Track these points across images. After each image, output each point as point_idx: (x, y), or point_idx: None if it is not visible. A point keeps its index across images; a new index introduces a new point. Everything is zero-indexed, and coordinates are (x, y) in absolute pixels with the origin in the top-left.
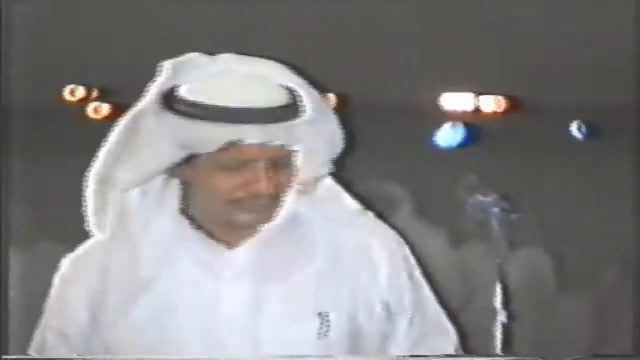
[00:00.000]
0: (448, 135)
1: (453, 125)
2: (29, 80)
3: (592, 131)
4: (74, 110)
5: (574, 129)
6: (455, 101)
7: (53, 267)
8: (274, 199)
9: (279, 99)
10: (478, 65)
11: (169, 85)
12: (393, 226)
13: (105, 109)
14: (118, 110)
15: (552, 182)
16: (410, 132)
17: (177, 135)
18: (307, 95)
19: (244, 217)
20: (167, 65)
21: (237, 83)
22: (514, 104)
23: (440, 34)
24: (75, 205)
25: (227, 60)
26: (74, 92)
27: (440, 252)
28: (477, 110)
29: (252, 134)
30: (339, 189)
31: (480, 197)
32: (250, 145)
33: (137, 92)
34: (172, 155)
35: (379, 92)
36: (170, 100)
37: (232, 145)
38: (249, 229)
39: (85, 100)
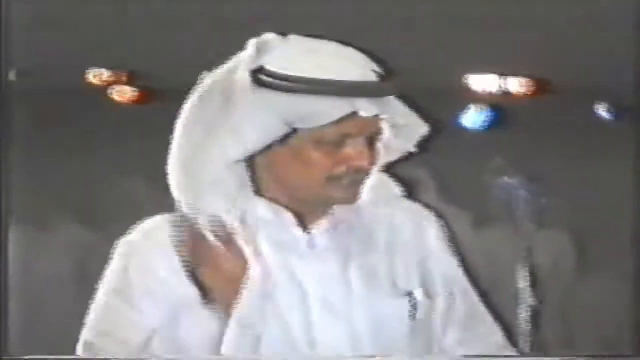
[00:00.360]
0: (473, 117)
1: (478, 107)
2: (50, 64)
3: (620, 113)
4: (97, 93)
5: (602, 110)
6: (481, 83)
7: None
8: (367, 176)
9: (370, 75)
10: (505, 47)
11: (256, 64)
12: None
13: (128, 92)
14: (143, 94)
15: (579, 165)
16: (435, 113)
17: (284, 110)
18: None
19: (341, 194)
20: (251, 44)
21: (327, 59)
22: (541, 86)
23: (465, 17)
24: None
25: (301, 41)
26: (97, 76)
27: (466, 234)
28: (504, 92)
29: (366, 107)
30: (383, 174)
31: (506, 180)
32: (361, 119)
33: (161, 77)
34: (276, 130)
35: (405, 73)
36: (261, 77)
37: (342, 119)
38: (328, 208)
39: (109, 84)
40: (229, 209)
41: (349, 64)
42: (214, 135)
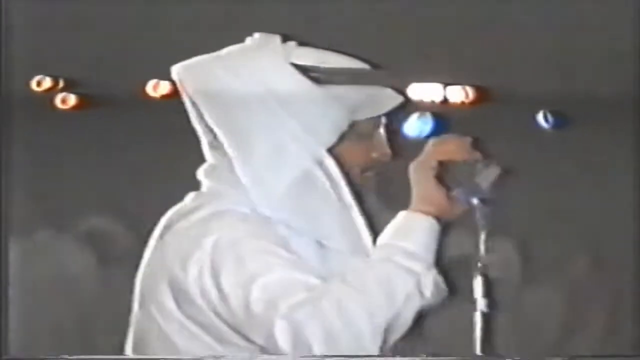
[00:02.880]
0: (416, 126)
1: (421, 116)
2: None
3: (559, 120)
4: (42, 101)
5: (541, 118)
6: (424, 92)
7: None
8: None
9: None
10: (446, 55)
11: (288, 62)
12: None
13: (72, 99)
14: (85, 101)
15: (520, 172)
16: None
17: (350, 101)
18: None
19: (371, 185)
20: (277, 43)
21: (328, 54)
22: (482, 94)
23: (408, 25)
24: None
25: (289, 47)
26: (40, 83)
27: None
28: (445, 100)
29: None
30: None
31: (462, 188)
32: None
33: (104, 83)
34: (344, 123)
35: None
36: (316, 75)
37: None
38: None
39: (51, 91)
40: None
41: (343, 56)
42: (280, 142)
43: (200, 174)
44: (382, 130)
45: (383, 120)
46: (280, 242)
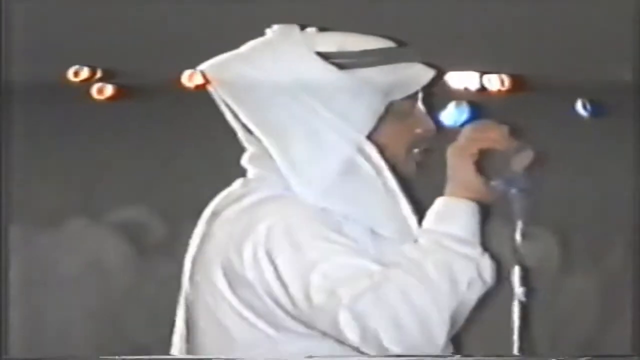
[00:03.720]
0: (453, 115)
1: (458, 104)
2: (32, 61)
3: (597, 109)
4: (78, 91)
5: (579, 106)
6: (460, 80)
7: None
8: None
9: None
10: (482, 44)
11: (312, 51)
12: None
13: (109, 89)
14: (121, 91)
15: (557, 161)
16: None
17: (382, 83)
18: None
19: (416, 165)
20: (297, 33)
21: (348, 37)
22: (519, 82)
23: (443, 14)
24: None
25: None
26: (78, 73)
27: None
28: (482, 89)
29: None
30: None
31: (501, 178)
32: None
33: (140, 74)
34: (380, 106)
35: None
36: (342, 61)
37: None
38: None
39: (89, 81)
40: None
41: (367, 37)
42: (316, 133)
43: (245, 160)
44: (420, 105)
45: (420, 95)
46: (335, 227)
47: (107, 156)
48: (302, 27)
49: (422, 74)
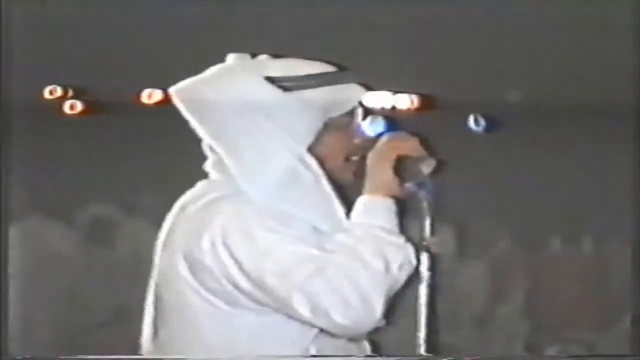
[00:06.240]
0: (369, 128)
1: (373, 119)
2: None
3: (490, 124)
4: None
5: (471, 122)
6: (376, 99)
7: None
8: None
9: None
10: (396, 64)
11: (261, 77)
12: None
13: (79, 106)
14: (91, 108)
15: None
16: None
17: (322, 102)
18: None
19: (352, 174)
20: (249, 61)
21: (294, 62)
22: (426, 101)
23: (360, 35)
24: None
25: (262, 59)
26: (52, 92)
27: None
28: (394, 107)
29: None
30: None
31: (412, 180)
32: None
33: (108, 91)
34: (320, 123)
35: None
36: (287, 84)
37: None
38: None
39: (62, 99)
40: None
41: (310, 63)
42: (263, 145)
43: (208, 166)
44: (359, 119)
45: (359, 110)
46: (280, 220)
47: (79, 164)
48: (255, 54)
49: (356, 93)
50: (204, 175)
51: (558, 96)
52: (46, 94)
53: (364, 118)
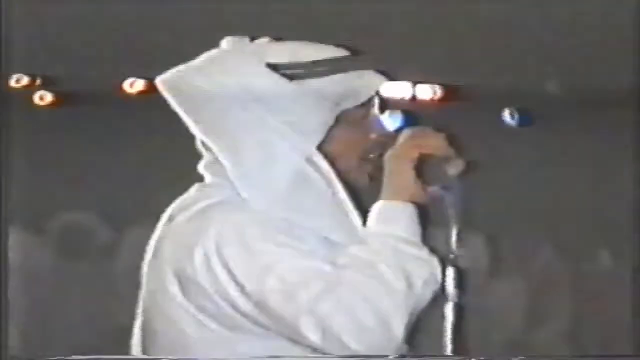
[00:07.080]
0: (386, 123)
1: (391, 113)
2: None
3: (525, 118)
4: (20, 98)
5: (507, 115)
6: (394, 89)
7: None
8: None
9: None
10: (416, 54)
11: (263, 63)
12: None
13: (49, 97)
14: (60, 98)
15: (487, 168)
16: None
17: (331, 92)
18: None
19: (371, 172)
20: (247, 45)
21: (301, 46)
22: (450, 92)
23: (378, 25)
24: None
25: (262, 42)
26: (19, 81)
27: None
28: (414, 98)
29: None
30: None
31: (437, 183)
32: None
33: (78, 80)
34: (331, 115)
35: None
36: (290, 72)
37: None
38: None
39: (29, 88)
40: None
41: (319, 47)
42: (266, 143)
43: (202, 167)
44: (376, 111)
45: (376, 100)
46: (284, 231)
47: (52, 161)
48: (254, 38)
49: (373, 82)
50: (198, 177)
51: (607, 86)
52: (12, 82)
53: (382, 111)
